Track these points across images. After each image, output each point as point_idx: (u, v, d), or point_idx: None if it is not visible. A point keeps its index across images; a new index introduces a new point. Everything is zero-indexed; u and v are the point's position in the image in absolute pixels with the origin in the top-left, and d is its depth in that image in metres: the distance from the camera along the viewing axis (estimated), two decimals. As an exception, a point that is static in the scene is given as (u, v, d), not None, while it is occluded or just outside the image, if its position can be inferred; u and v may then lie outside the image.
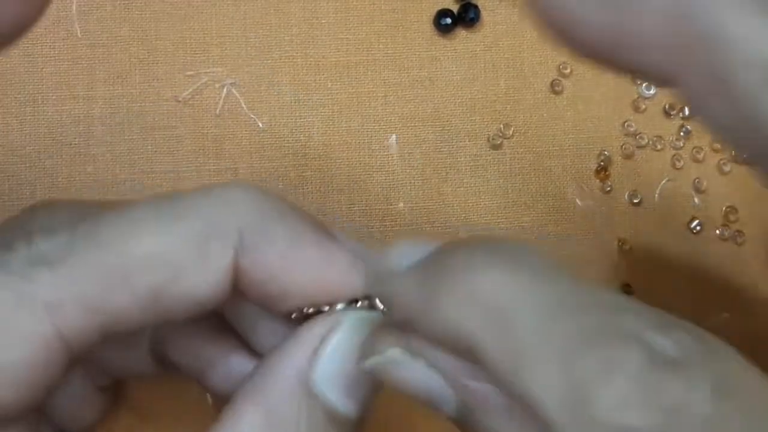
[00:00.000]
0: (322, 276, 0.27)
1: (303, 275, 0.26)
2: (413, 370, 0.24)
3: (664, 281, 0.38)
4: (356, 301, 0.27)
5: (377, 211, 0.37)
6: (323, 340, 0.26)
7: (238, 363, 0.30)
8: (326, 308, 0.27)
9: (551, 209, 0.38)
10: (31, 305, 0.24)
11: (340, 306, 0.27)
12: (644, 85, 0.38)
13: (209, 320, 0.30)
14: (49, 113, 0.37)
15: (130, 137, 0.37)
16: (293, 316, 0.27)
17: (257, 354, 0.29)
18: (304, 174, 0.37)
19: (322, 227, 0.27)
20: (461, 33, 0.38)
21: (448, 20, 0.38)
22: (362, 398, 0.26)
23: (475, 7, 0.38)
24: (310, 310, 0.27)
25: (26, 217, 0.30)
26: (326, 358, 0.26)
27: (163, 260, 0.25)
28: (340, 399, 0.26)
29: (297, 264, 0.26)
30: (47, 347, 0.25)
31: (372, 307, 0.27)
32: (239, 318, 0.29)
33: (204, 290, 0.26)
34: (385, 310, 0.26)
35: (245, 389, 0.26)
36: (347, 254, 0.27)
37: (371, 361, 0.24)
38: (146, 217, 0.26)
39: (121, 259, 0.25)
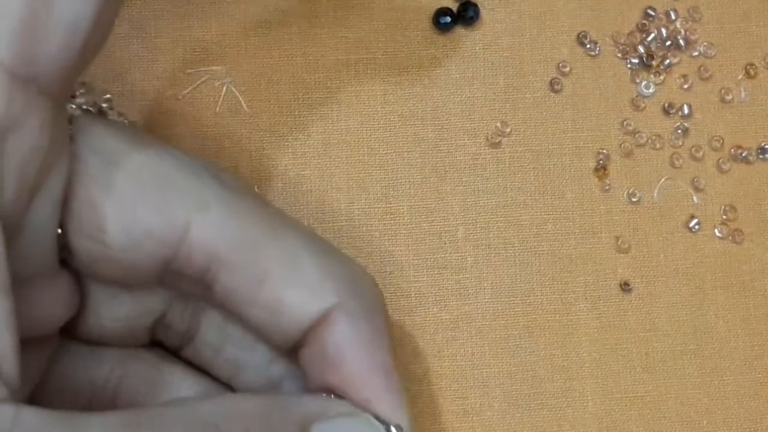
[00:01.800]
0: (370, 391, 0.28)
1: (357, 378, 0.28)
2: None
3: (662, 280, 0.38)
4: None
5: (376, 210, 0.37)
6: (339, 414, 0.27)
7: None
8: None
9: (550, 208, 0.38)
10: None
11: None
12: (643, 83, 0.38)
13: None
14: (49, 111, 0.37)
15: (130, 135, 0.37)
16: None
17: None
18: (303, 172, 0.37)
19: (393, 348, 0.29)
20: (460, 32, 0.38)
21: (448, 19, 0.38)
22: None
23: (475, 5, 0.38)
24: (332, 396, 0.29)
25: None
26: (332, 426, 0.27)
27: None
28: None
29: (360, 367, 0.28)
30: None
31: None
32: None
33: (288, 333, 0.28)
34: None
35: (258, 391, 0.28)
36: (399, 389, 0.28)
37: None
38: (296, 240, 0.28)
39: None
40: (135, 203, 0.26)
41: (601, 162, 0.38)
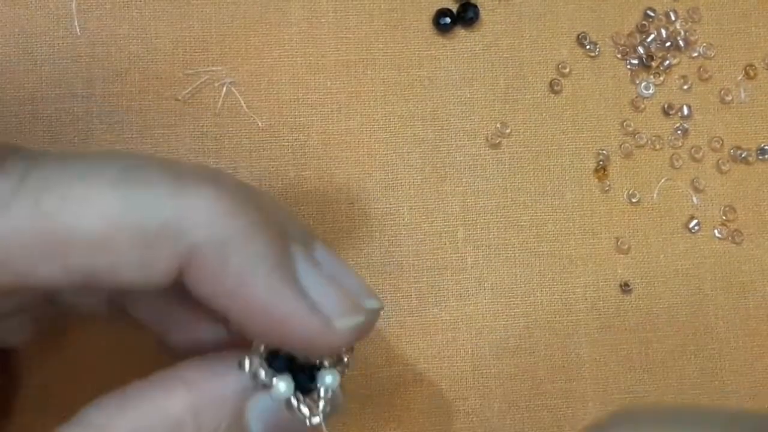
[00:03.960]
0: (263, 315, 0.25)
1: (245, 309, 0.25)
2: None
3: (662, 280, 0.38)
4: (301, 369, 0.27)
5: (376, 210, 0.37)
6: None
7: (205, 329, 0.28)
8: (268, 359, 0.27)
9: (550, 208, 0.38)
10: None
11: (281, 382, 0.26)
12: (643, 84, 0.39)
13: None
14: (48, 112, 0.37)
15: (130, 136, 0.37)
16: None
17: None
18: (303, 173, 0.37)
19: (287, 262, 0.25)
20: (460, 32, 0.38)
21: (447, 20, 0.38)
22: None
23: (475, 6, 0.38)
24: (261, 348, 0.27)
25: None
26: (266, 402, 0.26)
27: (105, 247, 0.23)
28: None
29: (240, 296, 0.25)
30: None
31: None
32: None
33: (140, 284, 0.24)
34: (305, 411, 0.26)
35: (187, 369, 0.25)
36: (302, 303, 0.25)
37: None
38: (104, 189, 0.23)
39: (62, 232, 0.23)
40: None
41: (601, 163, 0.38)
